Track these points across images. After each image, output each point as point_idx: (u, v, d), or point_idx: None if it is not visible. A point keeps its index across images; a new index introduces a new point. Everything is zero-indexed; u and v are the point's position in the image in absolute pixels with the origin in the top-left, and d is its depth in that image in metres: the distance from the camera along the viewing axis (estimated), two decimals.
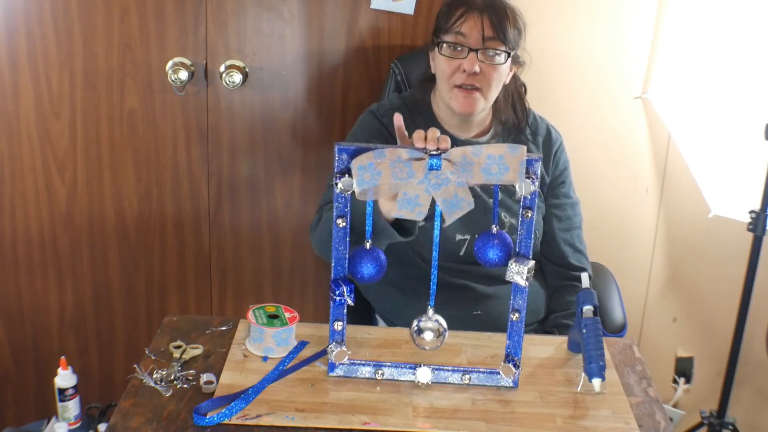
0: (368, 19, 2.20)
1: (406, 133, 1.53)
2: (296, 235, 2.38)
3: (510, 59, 1.78)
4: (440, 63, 1.78)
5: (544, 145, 1.91)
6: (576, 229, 1.94)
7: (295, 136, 2.29)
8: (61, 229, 2.32)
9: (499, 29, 1.74)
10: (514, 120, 1.90)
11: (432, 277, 1.41)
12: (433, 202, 1.36)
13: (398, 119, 1.54)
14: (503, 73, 1.79)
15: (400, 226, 1.57)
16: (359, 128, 1.87)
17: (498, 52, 1.75)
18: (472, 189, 1.35)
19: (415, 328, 1.44)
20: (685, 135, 2.42)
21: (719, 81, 2.31)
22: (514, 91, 1.90)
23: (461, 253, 1.82)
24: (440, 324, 1.44)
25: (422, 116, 1.85)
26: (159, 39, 2.16)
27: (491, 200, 1.80)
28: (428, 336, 1.43)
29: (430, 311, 1.44)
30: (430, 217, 1.76)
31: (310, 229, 1.83)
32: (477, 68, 1.73)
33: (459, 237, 1.81)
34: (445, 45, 1.76)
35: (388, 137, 1.82)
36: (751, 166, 2.28)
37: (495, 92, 1.80)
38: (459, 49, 1.75)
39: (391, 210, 1.49)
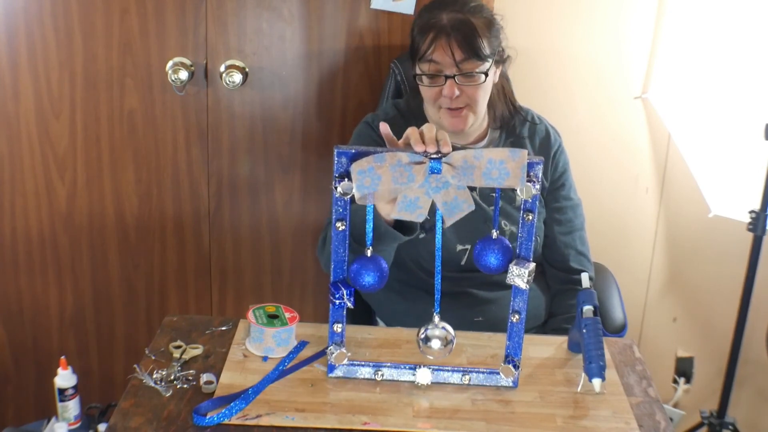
0: (368, 19, 2.20)
1: (395, 138, 1.48)
2: (296, 235, 2.38)
3: (492, 66, 1.73)
4: (422, 88, 1.76)
5: (542, 148, 1.89)
6: (577, 231, 1.93)
7: (295, 136, 2.29)
8: (61, 229, 2.32)
9: (470, 49, 1.68)
10: (507, 113, 1.87)
11: (436, 285, 1.40)
12: (432, 207, 1.35)
13: (384, 127, 1.48)
14: (487, 85, 1.75)
15: (401, 226, 1.56)
16: (356, 139, 1.87)
17: (474, 72, 1.70)
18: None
19: (422, 336, 1.41)
20: (685, 135, 2.42)
21: (719, 81, 2.31)
22: (499, 85, 1.85)
23: (462, 262, 1.81)
24: (447, 331, 1.41)
25: (418, 124, 1.84)
26: (159, 39, 2.16)
27: (491, 208, 1.80)
28: (435, 344, 1.40)
29: (436, 318, 1.41)
30: (430, 229, 1.75)
31: (318, 251, 1.82)
32: (457, 92, 1.70)
33: (460, 247, 1.80)
34: (421, 75, 1.73)
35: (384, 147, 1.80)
36: (751, 166, 2.28)
37: (483, 104, 1.77)
38: (436, 76, 1.71)
39: (390, 212, 1.47)
